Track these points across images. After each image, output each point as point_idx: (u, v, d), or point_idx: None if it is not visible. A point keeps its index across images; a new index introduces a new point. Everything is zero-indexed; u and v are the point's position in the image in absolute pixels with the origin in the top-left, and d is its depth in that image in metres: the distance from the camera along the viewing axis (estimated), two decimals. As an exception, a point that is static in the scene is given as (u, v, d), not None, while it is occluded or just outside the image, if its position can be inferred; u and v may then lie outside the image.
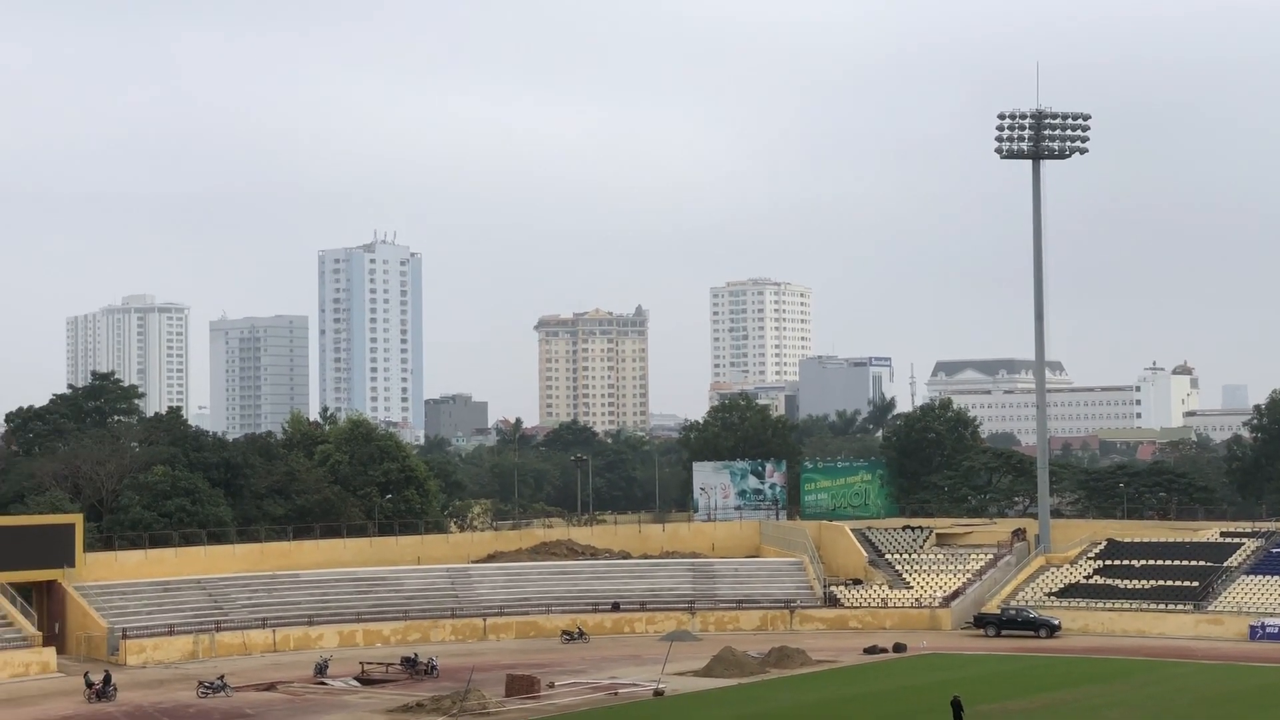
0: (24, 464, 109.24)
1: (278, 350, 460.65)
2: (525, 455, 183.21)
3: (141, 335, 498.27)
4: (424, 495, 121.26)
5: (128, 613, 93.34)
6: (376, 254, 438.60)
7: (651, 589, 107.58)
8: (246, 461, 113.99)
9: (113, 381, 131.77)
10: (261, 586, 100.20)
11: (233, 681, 78.79)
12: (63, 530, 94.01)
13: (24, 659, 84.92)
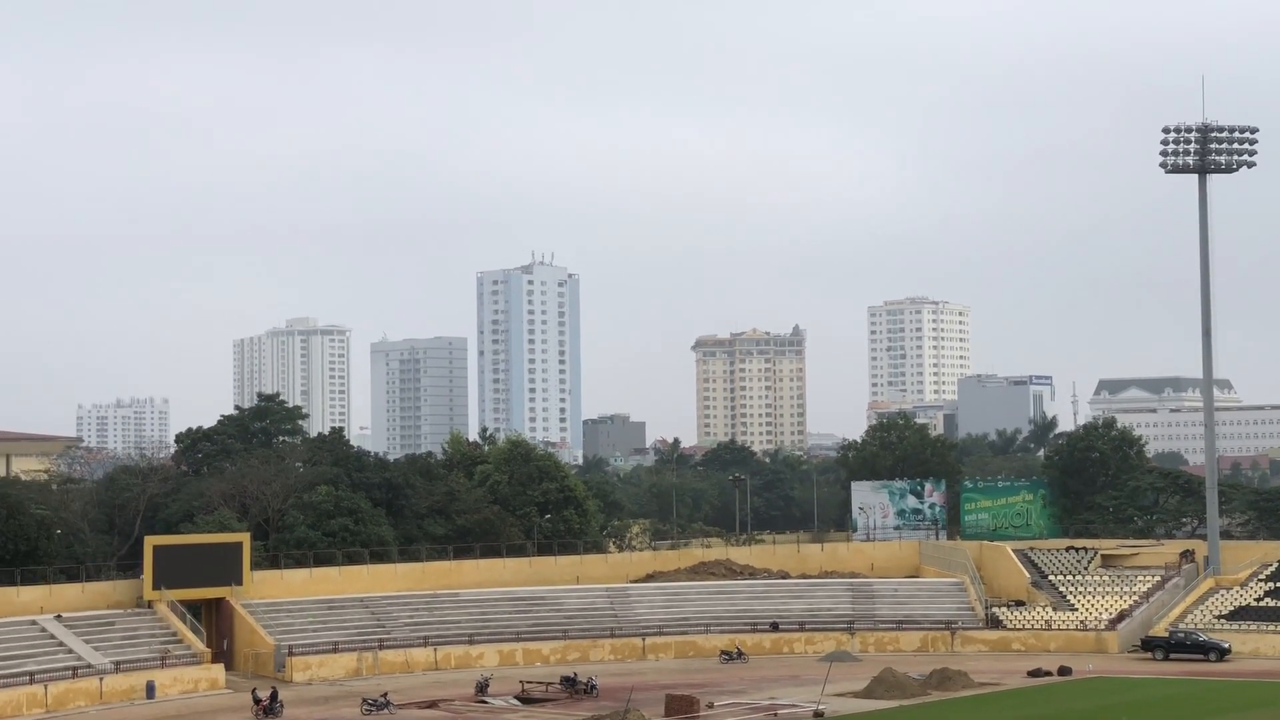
0: (193, 483, 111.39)
1: (437, 371, 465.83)
2: (683, 475, 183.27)
3: (305, 357, 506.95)
4: (583, 515, 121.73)
5: (293, 630, 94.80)
6: (535, 275, 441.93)
7: (810, 609, 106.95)
8: (407, 482, 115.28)
9: (278, 403, 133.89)
10: (423, 605, 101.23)
11: (395, 699, 79.63)
12: (231, 549, 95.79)
13: (194, 675, 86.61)
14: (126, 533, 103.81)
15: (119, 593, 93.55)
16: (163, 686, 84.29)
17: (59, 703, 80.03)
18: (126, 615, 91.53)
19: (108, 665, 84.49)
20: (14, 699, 78.30)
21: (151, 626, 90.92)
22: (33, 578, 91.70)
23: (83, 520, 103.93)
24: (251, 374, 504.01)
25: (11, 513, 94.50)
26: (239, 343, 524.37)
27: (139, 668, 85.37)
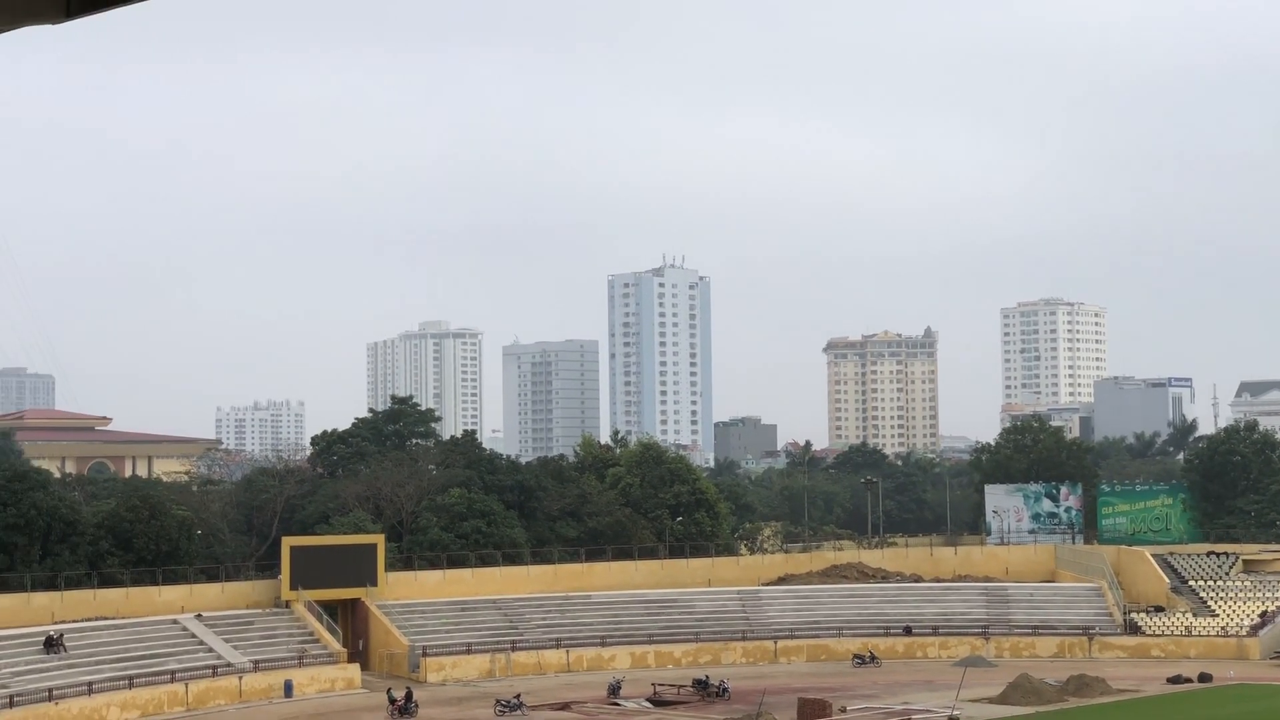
0: (329, 486, 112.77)
1: (568, 374, 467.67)
2: (815, 478, 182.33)
3: (437, 360, 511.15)
4: (714, 518, 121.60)
5: (427, 631, 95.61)
6: (665, 278, 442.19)
7: (944, 613, 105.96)
8: (540, 484, 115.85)
9: (411, 405, 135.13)
10: (555, 607, 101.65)
11: (528, 700, 80.00)
12: (366, 550, 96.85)
13: (331, 675, 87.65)
14: (264, 534, 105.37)
15: (257, 593, 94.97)
16: (300, 685, 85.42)
17: (199, 701, 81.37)
18: (265, 615, 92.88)
19: (247, 664, 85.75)
20: (156, 697, 79.75)
21: (289, 626, 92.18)
22: (174, 578, 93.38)
23: (222, 521, 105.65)
24: (385, 377, 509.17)
25: (153, 513, 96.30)
26: (372, 346, 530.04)
27: (277, 667, 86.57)
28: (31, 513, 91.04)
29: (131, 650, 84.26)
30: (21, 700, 73.90)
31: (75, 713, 75.51)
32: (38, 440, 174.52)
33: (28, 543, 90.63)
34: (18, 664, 78.76)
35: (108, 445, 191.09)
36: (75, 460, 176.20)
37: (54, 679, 77.58)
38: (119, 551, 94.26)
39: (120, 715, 77.52)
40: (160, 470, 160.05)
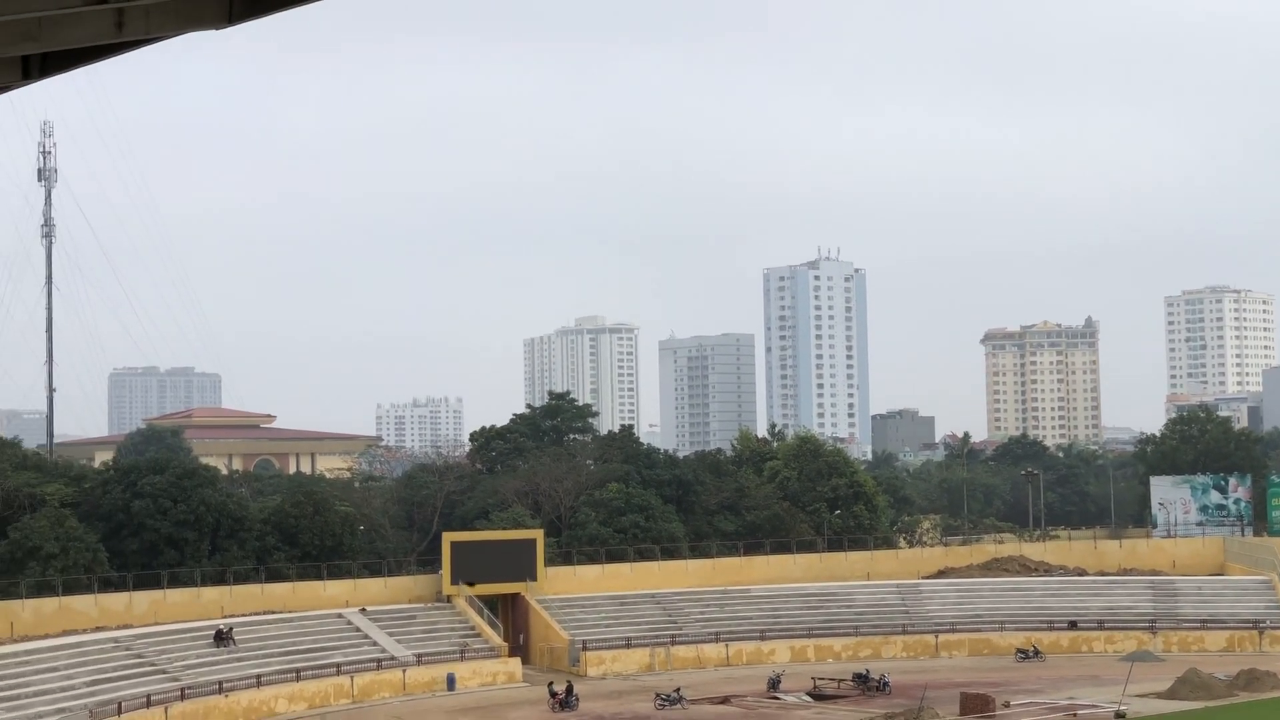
0: (488, 481, 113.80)
1: (725, 368, 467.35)
2: (974, 470, 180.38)
3: (594, 355, 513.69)
4: (873, 511, 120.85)
5: (586, 625, 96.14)
6: (820, 271, 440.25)
7: (1109, 607, 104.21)
8: (697, 478, 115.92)
9: (568, 401, 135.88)
10: (714, 601, 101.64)
11: (688, 694, 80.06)
12: (525, 545, 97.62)
13: (492, 668, 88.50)
14: (425, 529, 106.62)
15: (419, 587, 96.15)
16: (462, 679, 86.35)
17: (364, 693, 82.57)
18: (426, 609, 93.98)
19: (410, 658, 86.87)
20: (323, 689, 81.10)
21: (451, 620, 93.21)
22: (338, 572, 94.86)
23: (383, 517, 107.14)
24: (542, 373, 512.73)
25: (318, 509, 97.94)
26: (529, 342, 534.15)
27: (439, 660, 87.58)
28: (201, 509, 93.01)
29: (298, 644, 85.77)
30: (193, 692, 75.56)
31: (245, 705, 77.02)
32: (205, 438, 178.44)
33: (197, 538, 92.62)
34: (189, 657, 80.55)
35: (272, 442, 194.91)
36: (241, 457, 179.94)
37: (224, 671, 79.22)
38: (285, 547, 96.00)
39: (288, 707, 78.95)
40: (323, 467, 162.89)
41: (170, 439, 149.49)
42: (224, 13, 11.91)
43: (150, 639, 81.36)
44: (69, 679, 73.73)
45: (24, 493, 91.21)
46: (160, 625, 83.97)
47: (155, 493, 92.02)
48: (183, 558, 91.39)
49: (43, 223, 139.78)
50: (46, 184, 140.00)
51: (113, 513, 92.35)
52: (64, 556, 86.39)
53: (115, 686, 73.82)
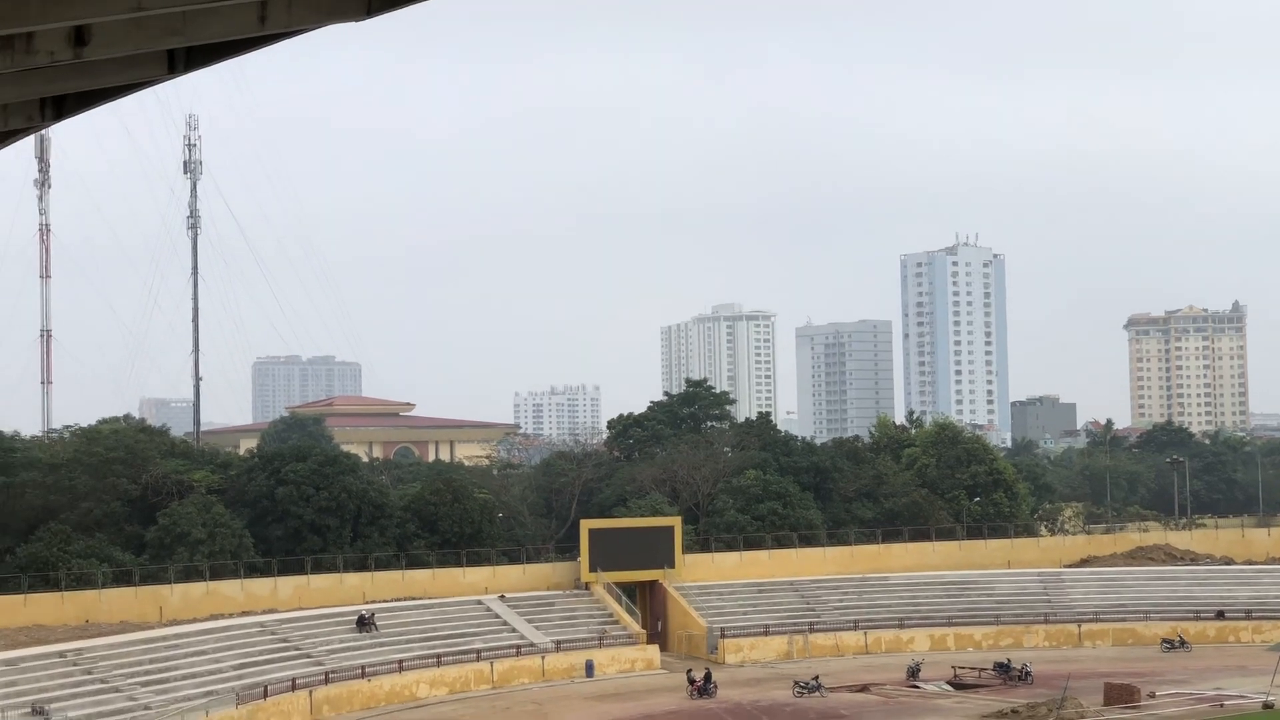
0: (625, 469, 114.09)
1: (862, 355, 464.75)
2: (1117, 457, 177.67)
3: (730, 343, 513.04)
4: (1013, 498, 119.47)
5: (724, 612, 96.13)
6: (958, 256, 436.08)
7: (1258, 596, 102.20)
8: (835, 465, 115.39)
9: (705, 388, 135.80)
10: (852, 589, 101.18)
11: (826, 682, 79.83)
12: (663, 532, 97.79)
13: (630, 655, 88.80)
14: (563, 516, 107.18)
15: (558, 574, 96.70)
16: (601, 665, 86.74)
17: (504, 679, 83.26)
18: (565, 596, 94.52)
19: (549, 644, 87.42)
20: (463, 674, 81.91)
21: (589, 607, 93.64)
22: (477, 559, 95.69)
23: (522, 504, 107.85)
24: (679, 360, 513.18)
25: (457, 497, 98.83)
26: (666, 329, 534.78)
27: (578, 647, 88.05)
28: (342, 496, 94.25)
29: (439, 629, 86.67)
30: (336, 676, 76.69)
31: (387, 689, 78.00)
32: (346, 426, 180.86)
33: (339, 525, 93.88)
34: (332, 641, 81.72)
35: (412, 430, 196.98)
36: (381, 445, 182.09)
37: (366, 656, 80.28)
38: (425, 534, 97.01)
39: (429, 692, 79.82)
40: (462, 454, 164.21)
41: (312, 427, 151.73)
42: (363, 5, 12.01)
43: (294, 623, 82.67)
44: (216, 662, 75.13)
45: (172, 479, 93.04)
46: (304, 610, 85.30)
47: (298, 480, 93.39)
48: (325, 544, 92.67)
49: (188, 214, 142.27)
50: (191, 176, 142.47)
51: (258, 499, 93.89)
52: (211, 542, 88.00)
53: (261, 670, 75.11)
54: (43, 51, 11.75)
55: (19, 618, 78.04)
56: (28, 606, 79.06)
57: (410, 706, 77.14)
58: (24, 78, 12.99)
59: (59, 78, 13.17)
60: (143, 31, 11.93)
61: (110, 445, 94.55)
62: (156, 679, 71.37)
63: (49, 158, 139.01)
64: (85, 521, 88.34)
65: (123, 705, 67.26)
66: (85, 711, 64.93)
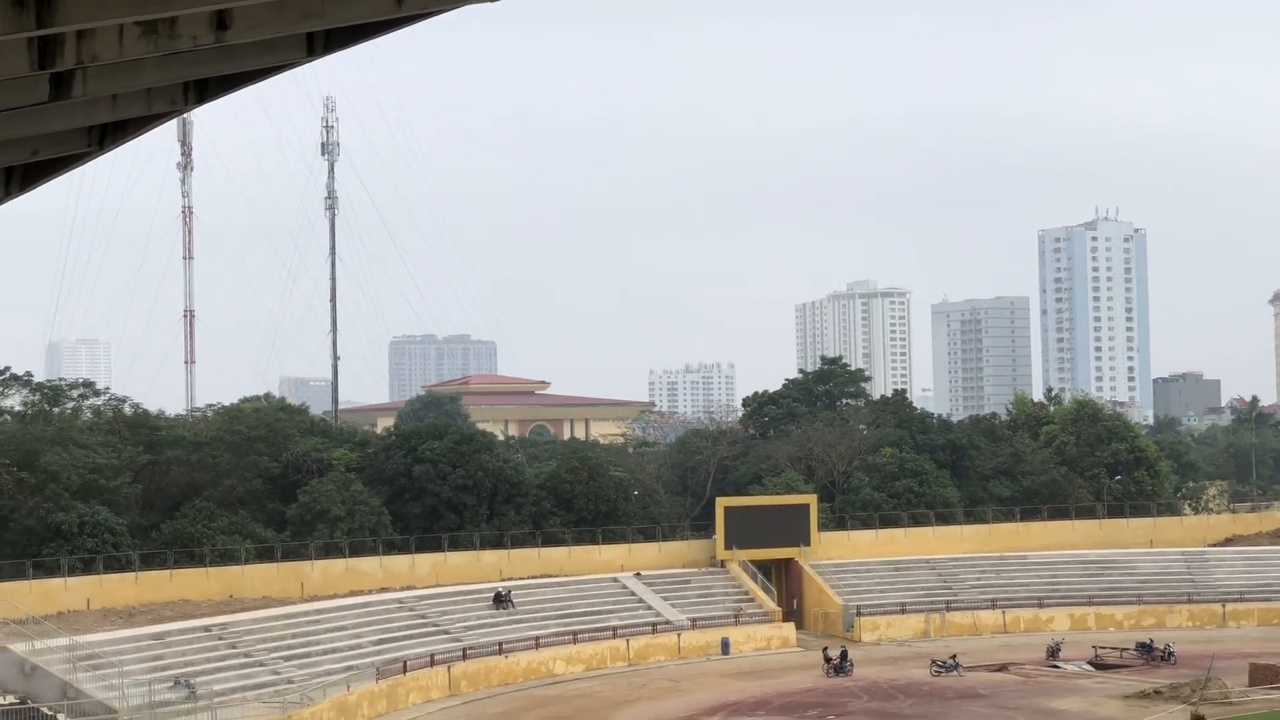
0: (760, 446, 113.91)
1: (999, 332, 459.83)
2: (1263, 435, 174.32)
3: (866, 320, 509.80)
4: (1155, 477, 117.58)
5: (860, 590, 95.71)
6: (1098, 231, 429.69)
7: None
8: (972, 443, 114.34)
9: (840, 366, 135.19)
10: (990, 567, 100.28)
11: (964, 661, 79.21)
12: (799, 510, 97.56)
13: (766, 633, 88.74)
14: (698, 494, 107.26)
15: (693, 552, 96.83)
16: (736, 643, 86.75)
17: (640, 656, 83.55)
18: (700, 574, 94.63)
19: (684, 622, 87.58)
20: (599, 651, 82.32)
21: (725, 585, 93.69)
22: (613, 537, 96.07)
23: (657, 482, 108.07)
24: (813, 338, 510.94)
25: (592, 475, 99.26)
26: (800, 307, 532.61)
27: (713, 625, 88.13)
28: (479, 474, 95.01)
29: (575, 607, 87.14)
30: (474, 652, 77.42)
31: (524, 665, 78.61)
32: (481, 404, 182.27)
33: (476, 502, 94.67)
34: (469, 618, 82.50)
35: (547, 409, 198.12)
36: (517, 423, 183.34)
37: (503, 633, 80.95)
38: (560, 511, 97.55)
39: (566, 668, 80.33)
40: (597, 432, 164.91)
41: (448, 405, 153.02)
42: (499, -16, 12.00)
43: (432, 600, 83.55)
44: (356, 637, 76.16)
45: (312, 458, 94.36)
46: (441, 587, 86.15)
47: (435, 458, 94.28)
48: (462, 521, 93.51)
49: (326, 195, 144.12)
50: (329, 157, 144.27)
51: (395, 477, 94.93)
52: (350, 519, 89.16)
53: (400, 646, 76.03)
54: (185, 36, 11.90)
55: (165, 592, 79.63)
56: (174, 582, 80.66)
57: (547, 683, 77.68)
58: (167, 62, 13.17)
59: (201, 62, 13.34)
60: (283, 15, 12.05)
61: (252, 424, 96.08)
62: (299, 653, 72.53)
63: (191, 141, 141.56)
64: (228, 499, 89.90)
65: (266, 679, 68.43)
66: (230, 685, 66.12)
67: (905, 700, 71.37)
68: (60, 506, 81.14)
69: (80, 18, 10.89)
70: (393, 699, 70.12)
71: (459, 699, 73.18)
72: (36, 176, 16.22)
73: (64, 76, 12.76)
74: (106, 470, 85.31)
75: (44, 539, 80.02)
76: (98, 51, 11.85)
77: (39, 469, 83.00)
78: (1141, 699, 69.13)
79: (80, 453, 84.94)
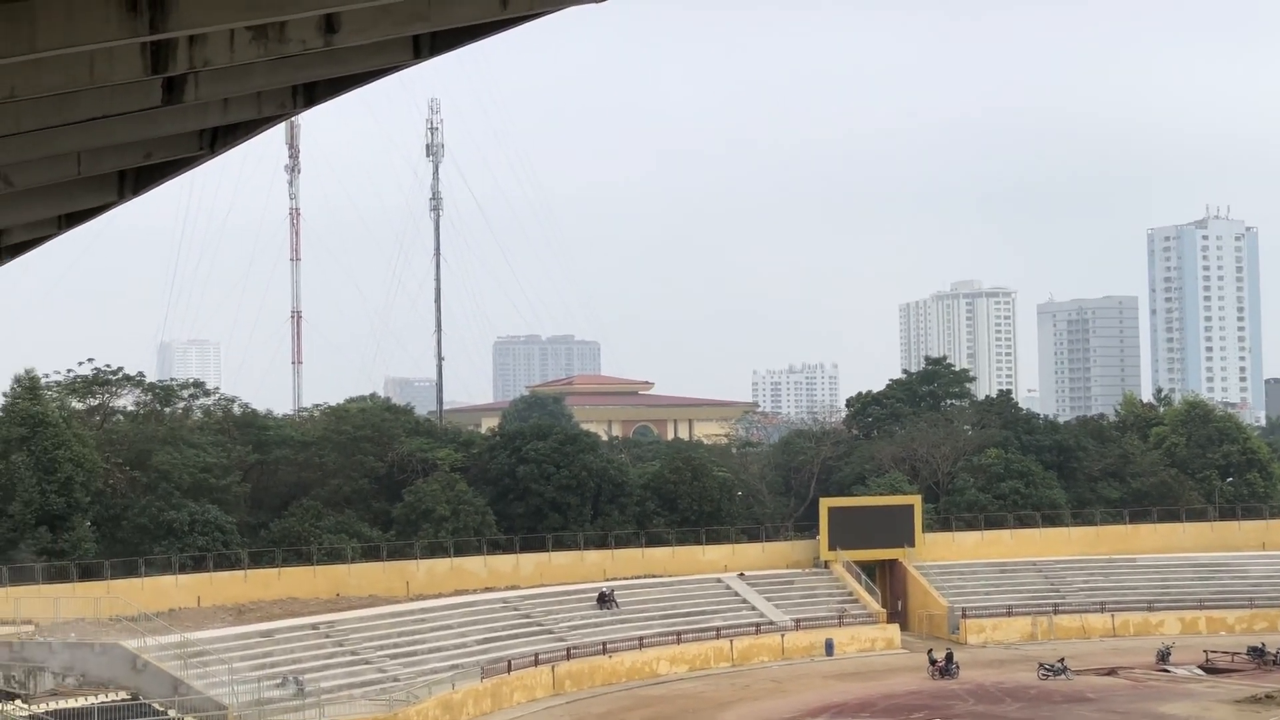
0: (864, 447, 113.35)
1: (1106, 331, 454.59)
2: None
3: (970, 320, 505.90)
4: (1267, 479, 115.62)
5: (965, 592, 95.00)
6: (1209, 230, 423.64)
7: None
8: (1079, 444, 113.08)
9: (945, 366, 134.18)
10: (1098, 570, 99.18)
11: (1072, 664, 78.43)
12: (903, 511, 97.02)
13: (870, 634, 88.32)
14: (802, 494, 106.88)
15: (796, 553, 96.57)
16: (840, 645, 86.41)
17: (743, 657, 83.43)
18: (804, 574, 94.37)
19: (788, 622, 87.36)
20: (703, 651, 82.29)
21: (828, 586, 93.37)
22: (716, 537, 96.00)
23: (760, 482, 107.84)
24: (917, 338, 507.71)
25: (696, 475, 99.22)
26: (904, 307, 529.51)
27: (817, 625, 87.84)
28: (583, 474, 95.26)
29: (678, 607, 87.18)
30: (578, 652, 77.66)
31: (627, 665, 78.74)
32: (585, 404, 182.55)
33: (580, 503, 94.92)
34: (573, 618, 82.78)
35: (650, 409, 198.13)
36: (620, 423, 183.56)
37: (607, 633, 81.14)
38: (664, 512, 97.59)
39: (669, 669, 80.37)
40: (700, 433, 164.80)
41: (552, 405, 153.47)
42: (605, -15, 12.02)
43: (536, 600, 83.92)
44: (462, 636, 76.66)
45: (417, 458, 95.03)
46: (545, 587, 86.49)
47: (539, 458, 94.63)
48: (566, 521, 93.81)
49: (430, 196, 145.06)
50: (434, 159, 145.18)
51: (499, 477, 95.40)
52: (455, 519, 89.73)
53: (504, 645, 76.44)
54: (295, 40, 12.04)
55: (274, 590, 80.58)
56: (281, 580, 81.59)
57: (650, 683, 77.75)
58: (277, 66, 13.33)
59: (310, 65, 13.48)
60: (390, 18, 12.15)
61: (358, 424, 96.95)
62: (404, 651, 73.13)
63: (299, 143, 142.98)
64: (335, 498, 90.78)
65: (372, 676, 69.06)
66: (338, 682, 66.79)
67: (1012, 704, 70.76)
68: (171, 505, 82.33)
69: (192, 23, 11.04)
70: (497, 698, 70.50)
71: (563, 698, 73.43)
72: (150, 179, 16.47)
73: (176, 81, 12.95)
74: (216, 469, 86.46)
75: (156, 537, 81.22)
76: (209, 56, 12.01)
77: (151, 468, 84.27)
78: (1253, 704, 68.11)
79: (191, 452, 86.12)
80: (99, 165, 15.63)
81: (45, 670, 63.54)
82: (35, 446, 78.19)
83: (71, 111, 13.26)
